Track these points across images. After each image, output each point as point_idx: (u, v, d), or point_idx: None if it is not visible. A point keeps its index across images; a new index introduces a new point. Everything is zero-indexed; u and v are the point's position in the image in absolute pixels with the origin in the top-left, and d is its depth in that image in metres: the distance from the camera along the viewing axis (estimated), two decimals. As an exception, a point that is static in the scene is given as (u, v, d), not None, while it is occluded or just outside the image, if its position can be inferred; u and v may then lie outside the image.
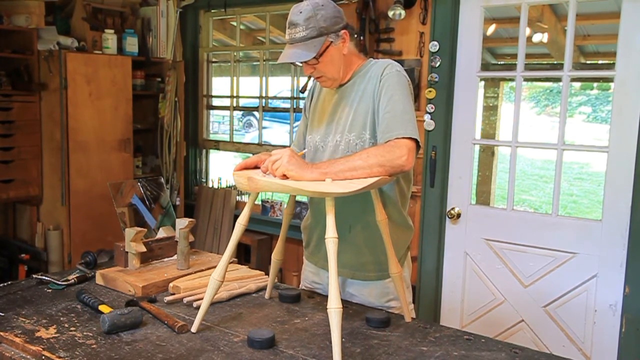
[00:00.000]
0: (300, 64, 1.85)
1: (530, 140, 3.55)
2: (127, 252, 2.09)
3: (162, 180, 2.48)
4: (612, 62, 3.78)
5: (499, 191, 6.74)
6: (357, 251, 1.94)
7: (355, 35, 2.03)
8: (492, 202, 5.75)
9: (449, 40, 3.14)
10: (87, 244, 3.61)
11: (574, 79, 3.30)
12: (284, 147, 2.38)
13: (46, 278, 2.06)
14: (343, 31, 1.84)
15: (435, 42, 3.16)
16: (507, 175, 3.18)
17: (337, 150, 1.89)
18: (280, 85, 8.56)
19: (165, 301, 1.88)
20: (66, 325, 1.69)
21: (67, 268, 3.62)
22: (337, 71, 1.87)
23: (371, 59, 1.97)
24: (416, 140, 1.72)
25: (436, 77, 3.17)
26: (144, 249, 2.10)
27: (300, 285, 2.20)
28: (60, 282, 2.03)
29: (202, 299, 1.74)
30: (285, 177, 1.61)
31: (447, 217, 3.25)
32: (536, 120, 12.42)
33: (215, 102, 4.68)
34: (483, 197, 5.75)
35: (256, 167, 1.79)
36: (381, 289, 1.97)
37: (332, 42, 1.81)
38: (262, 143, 4.33)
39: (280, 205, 4.02)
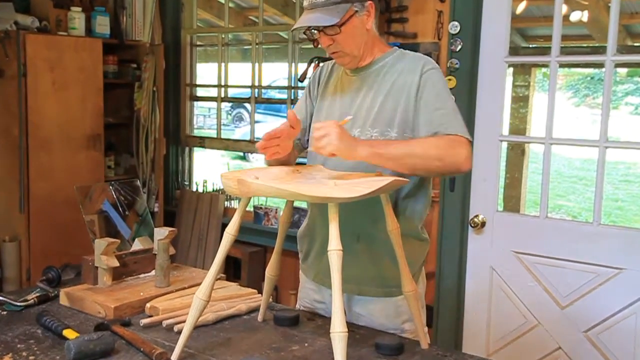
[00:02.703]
0: (314, 32, 1.89)
1: (568, 136, 3.55)
2: (96, 268, 2.09)
3: (138, 183, 2.48)
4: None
5: (531, 196, 6.73)
6: (366, 264, 1.95)
7: (380, 13, 2.11)
8: (523, 209, 5.75)
9: (472, 20, 3.14)
10: (50, 257, 3.60)
11: (619, 65, 3.30)
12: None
13: (0, 298, 2.05)
14: (369, 2, 1.89)
15: (456, 23, 3.16)
16: (540, 178, 3.17)
17: None
18: (276, 73, 8.57)
19: (142, 324, 1.88)
20: (24, 354, 1.69)
21: (25, 286, 3.62)
22: (358, 47, 1.92)
23: (395, 47, 2.02)
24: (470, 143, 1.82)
25: (457, 64, 3.17)
26: (116, 264, 2.10)
27: (297, 305, 2.20)
28: (17, 303, 2.02)
29: (184, 321, 1.73)
30: (332, 155, 1.67)
31: (469, 226, 3.25)
32: (574, 113, 12.43)
33: (200, 92, 4.69)
34: (512, 202, 5.74)
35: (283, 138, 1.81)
36: (394, 307, 1.98)
37: (356, 11, 1.87)
38: (255, 139, 4.33)
39: (276, 213, 4.02)
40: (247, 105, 5.66)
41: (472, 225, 3.23)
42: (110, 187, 2.35)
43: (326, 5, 1.83)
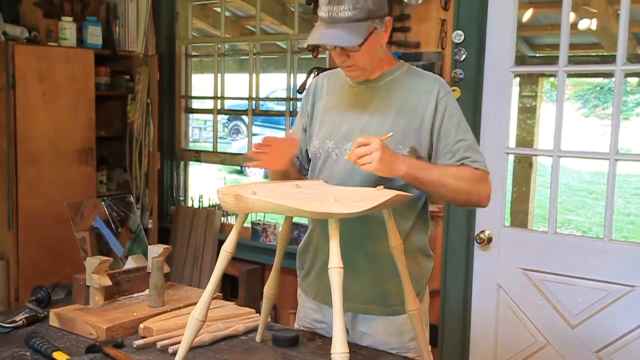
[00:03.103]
0: (326, 47, 1.95)
1: (577, 148, 3.56)
2: (88, 287, 2.09)
3: (132, 198, 2.49)
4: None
5: (539, 210, 6.73)
6: (371, 281, 1.95)
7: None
8: (531, 224, 5.75)
9: (477, 28, 3.15)
10: (39, 276, 3.59)
11: (629, 74, 3.31)
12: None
13: (-11, 319, 2.05)
14: (388, 18, 1.91)
15: (460, 32, 3.17)
16: (549, 191, 3.17)
17: None
18: (274, 84, 8.60)
19: (135, 346, 1.88)
20: (14, 376, 1.69)
21: (14, 307, 3.61)
22: (372, 62, 1.94)
23: (402, 61, 2.05)
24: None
25: (461, 74, 3.19)
26: (109, 283, 2.10)
27: (295, 325, 2.20)
28: (5, 324, 2.02)
29: (179, 343, 1.73)
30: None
31: (475, 242, 3.25)
32: (583, 124, 12.46)
33: (196, 104, 4.70)
34: (519, 217, 5.74)
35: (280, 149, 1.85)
36: (398, 326, 1.98)
37: (376, 28, 1.87)
38: (252, 153, 4.33)
39: (274, 229, 4.02)
40: (244, 117, 5.67)
41: (478, 241, 3.23)
42: (103, 203, 2.36)
43: (349, 21, 1.81)
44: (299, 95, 3.92)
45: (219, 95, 4.43)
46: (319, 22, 1.87)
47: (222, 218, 4.26)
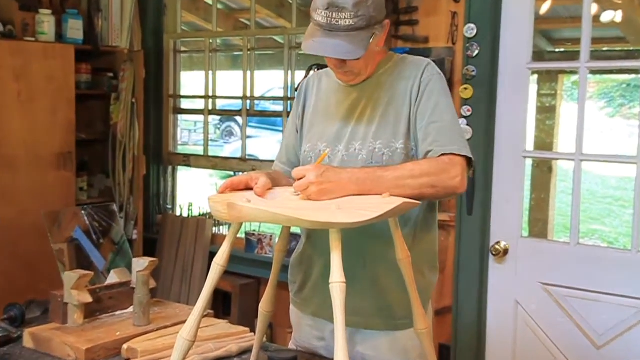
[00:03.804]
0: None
1: (601, 151, 3.56)
2: (66, 304, 2.08)
3: (115, 207, 2.49)
4: None
5: (560, 219, 6.72)
6: (372, 292, 1.95)
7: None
8: (551, 234, 5.74)
9: (491, 22, 3.16)
10: (13, 293, 3.57)
11: (656, 71, 3.31)
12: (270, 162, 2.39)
13: (-42, 339, 2.05)
14: (386, 20, 1.92)
15: (472, 25, 3.18)
16: (570, 199, 3.17)
17: (353, 160, 1.93)
18: (270, 82, 8.60)
19: (117, 369, 1.87)
20: (-15, 402, 1.68)
21: (-13, 325, 3.60)
22: (367, 66, 1.97)
23: (391, 52, 2.08)
24: (468, 160, 1.85)
25: (473, 71, 3.19)
26: (89, 299, 2.09)
27: (290, 344, 2.19)
28: (-23, 344, 2.02)
29: (165, 365, 1.73)
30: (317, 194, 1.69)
31: (490, 254, 3.25)
32: (608, 125, 12.45)
33: (185, 104, 4.71)
34: (538, 227, 5.74)
35: (247, 189, 1.79)
36: (402, 342, 1.97)
37: (374, 34, 1.88)
38: (247, 157, 4.34)
39: (270, 240, 4.02)
40: (238, 118, 5.68)
41: (493, 253, 3.23)
42: (83, 212, 2.35)
43: (348, 30, 1.81)
44: (296, 95, 3.92)
45: (210, 94, 4.44)
46: (314, 26, 1.86)
47: (214, 228, 4.26)
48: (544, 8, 4.72)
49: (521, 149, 3.19)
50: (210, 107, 4.47)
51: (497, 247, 3.22)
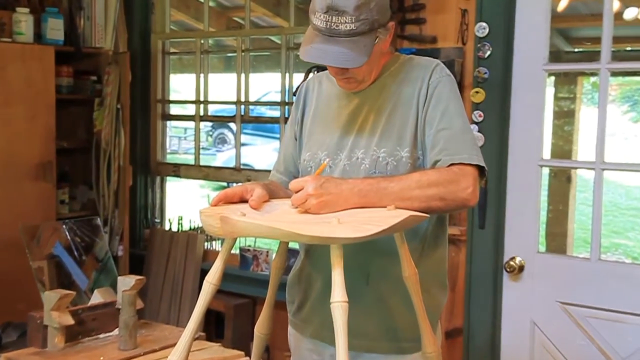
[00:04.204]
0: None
1: (624, 159, 3.56)
2: (45, 327, 2.08)
3: (98, 221, 2.49)
4: None
5: (580, 233, 6.72)
6: (376, 311, 1.95)
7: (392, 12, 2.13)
8: (570, 249, 5.74)
9: (504, 20, 3.17)
10: (-11, 314, 3.60)
11: (683, 73, 3.32)
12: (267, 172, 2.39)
13: None
14: (391, 23, 1.92)
15: (484, 24, 3.19)
16: (591, 211, 3.17)
17: (355, 170, 1.93)
18: (266, 86, 8.64)
19: (101, 396, 1.87)
20: None
21: (-40, 349, 3.60)
22: (371, 72, 1.96)
23: (397, 52, 2.07)
24: (481, 169, 1.84)
25: (485, 73, 3.20)
26: (71, 321, 2.09)
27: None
28: (-51, 370, 2.02)
29: (153, 392, 1.73)
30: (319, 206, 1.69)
31: (504, 271, 3.24)
32: (632, 131, 12.46)
33: (175, 109, 4.71)
34: (556, 241, 5.73)
35: (242, 202, 1.79)
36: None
37: (378, 38, 1.88)
38: (241, 167, 4.35)
39: (267, 256, 4.01)
40: (231, 125, 5.68)
41: (508, 270, 3.23)
42: (64, 227, 2.36)
43: (350, 35, 1.81)
44: (294, 99, 3.93)
45: (201, 99, 4.44)
46: (313, 30, 1.86)
47: (206, 243, 4.25)
48: (562, 5, 4.73)
49: (537, 157, 3.19)
50: (201, 113, 4.47)
51: (511, 263, 3.22)
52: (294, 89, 3.77)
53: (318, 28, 1.83)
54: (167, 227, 4.54)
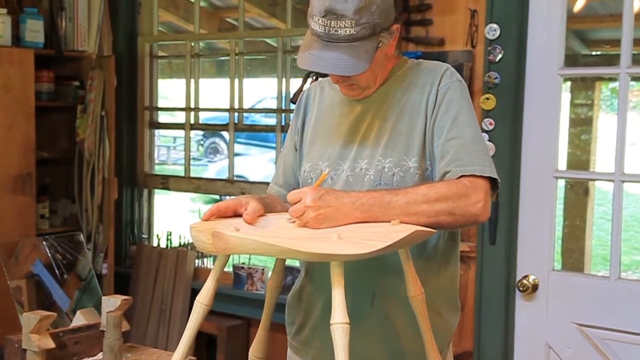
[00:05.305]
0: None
1: (644, 171, 3.57)
2: (24, 350, 2.08)
3: (81, 237, 2.49)
4: None
5: (599, 249, 6.72)
6: (382, 334, 1.94)
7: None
8: (587, 267, 5.73)
9: (516, 21, 3.18)
10: (-36, 336, 3.59)
11: None
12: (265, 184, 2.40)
13: None
14: (395, 26, 1.91)
15: (495, 25, 3.20)
16: (610, 225, 3.18)
17: (359, 182, 1.93)
18: (261, 92, 8.64)
19: None
20: None
21: None
22: (375, 78, 1.97)
23: (404, 56, 2.08)
24: (493, 181, 1.84)
25: (496, 78, 3.20)
26: (52, 345, 2.09)
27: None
28: None
29: (140, 421, 1.72)
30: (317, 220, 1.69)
31: (517, 291, 3.24)
32: (653, 140, 12.47)
33: (163, 117, 4.72)
34: (573, 259, 5.73)
35: (236, 216, 1.79)
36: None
37: (381, 41, 1.88)
38: (235, 178, 4.35)
39: (262, 274, 4.01)
40: (224, 133, 5.69)
41: (521, 289, 3.23)
42: (44, 243, 2.36)
43: (350, 40, 1.81)
44: (292, 106, 3.94)
45: (192, 105, 4.45)
46: (311, 35, 1.86)
47: (197, 261, 4.25)
48: (578, 5, 4.75)
49: (552, 168, 3.20)
50: (192, 121, 4.48)
51: (525, 282, 3.22)
52: (291, 95, 3.78)
53: (316, 33, 1.83)
54: (155, 244, 4.54)
